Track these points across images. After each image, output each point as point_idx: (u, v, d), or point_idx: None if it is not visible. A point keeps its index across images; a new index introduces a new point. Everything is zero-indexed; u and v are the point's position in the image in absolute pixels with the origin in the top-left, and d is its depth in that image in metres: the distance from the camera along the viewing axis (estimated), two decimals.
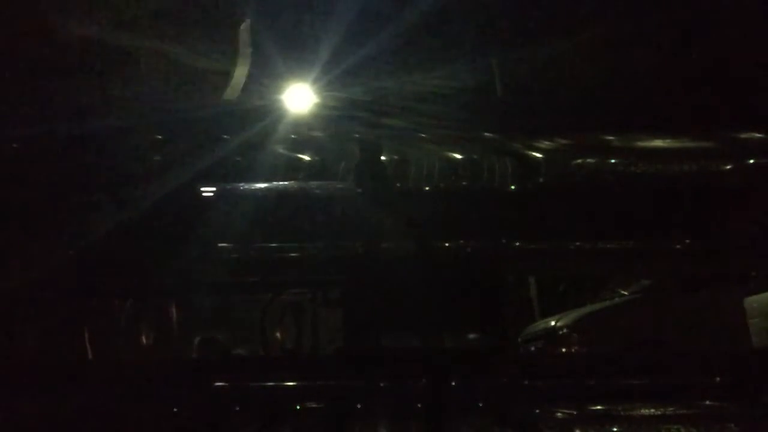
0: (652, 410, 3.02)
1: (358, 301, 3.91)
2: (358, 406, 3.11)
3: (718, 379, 3.18)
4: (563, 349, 6.86)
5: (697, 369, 3.32)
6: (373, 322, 3.80)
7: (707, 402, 3.12)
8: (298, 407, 3.14)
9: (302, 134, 3.76)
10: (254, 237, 3.74)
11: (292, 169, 3.69)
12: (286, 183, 3.68)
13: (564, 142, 3.80)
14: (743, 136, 3.83)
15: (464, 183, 3.68)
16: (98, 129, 3.59)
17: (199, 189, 3.63)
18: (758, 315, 5.79)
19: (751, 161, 3.73)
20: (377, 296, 3.77)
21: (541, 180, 3.68)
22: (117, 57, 3.83)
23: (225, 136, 3.68)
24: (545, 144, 3.75)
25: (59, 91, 3.72)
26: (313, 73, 3.79)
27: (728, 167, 3.72)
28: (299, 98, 3.84)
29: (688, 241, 3.89)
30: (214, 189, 3.64)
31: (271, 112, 3.73)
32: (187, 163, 3.60)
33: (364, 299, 3.85)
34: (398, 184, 3.68)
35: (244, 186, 3.66)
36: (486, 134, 3.89)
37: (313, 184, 3.68)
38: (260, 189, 3.67)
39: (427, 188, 3.67)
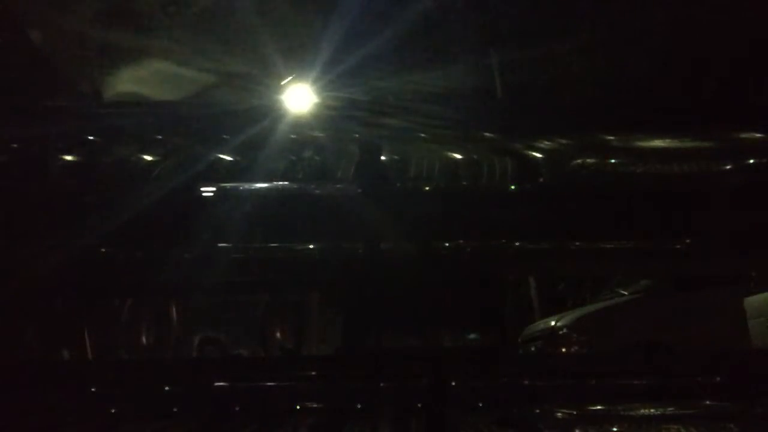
0: (652, 410, 3.02)
1: (358, 301, 3.91)
2: (358, 406, 3.11)
3: (718, 379, 3.18)
4: (563, 349, 6.85)
5: (697, 369, 3.31)
6: (373, 322, 3.80)
7: (707, 402, 3.12)
8: (298, 407, 3.13)
9: (302, 134, 3.76)
10: (254, 237, 3.74)
11: (292, 169, 3.69)
12: (285, 183, 3.68)
13: (564, 142, 3.80)
14: (743, 135, 3.83)
15: (464, 183, 3.68)
16: (97, 129, 3.59)
17: (199, 189, 3.63)
18: (758, 315, 5.78)
19: (751, 161, 3.73)
20: (377, 296, 3.77)
21: (541, 180, 3.68)
22: (117, 56, 3.83)
23: (224, 136, 3.68)
24: (545, 144, 3.75)
25: (57, 90, 3.72)
26: (313, 73, 3.80)
27: (728, 167, 3.72)
28: (299, 98, 3.84)
29: (688, 241, 3.89)
30: (214, 189, 3.63)
31: (271, 112, 3.73)
32: (186, 163, 3.60)
33: (364, 299, 3.85)
34: (398, 184, 3.68)
35: (243, 186, 3.66)
36: (486, 134, 3.89)
37: (313, 184, 3.68)
38: (260, 189, 3.67)
39: (427, 188, 3.67)
